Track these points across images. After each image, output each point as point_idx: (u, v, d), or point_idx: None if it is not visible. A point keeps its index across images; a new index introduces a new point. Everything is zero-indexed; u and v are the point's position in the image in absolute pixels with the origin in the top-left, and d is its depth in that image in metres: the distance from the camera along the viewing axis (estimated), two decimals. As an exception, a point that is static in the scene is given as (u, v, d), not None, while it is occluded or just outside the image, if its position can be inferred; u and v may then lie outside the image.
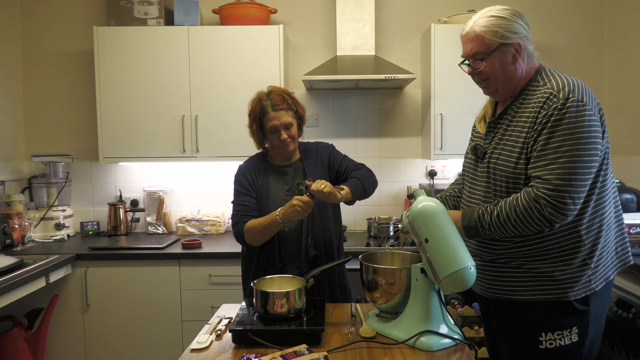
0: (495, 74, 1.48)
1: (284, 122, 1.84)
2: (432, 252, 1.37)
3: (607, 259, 1.47)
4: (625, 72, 3.03)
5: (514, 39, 1.45)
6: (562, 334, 1.44)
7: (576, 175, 1.34)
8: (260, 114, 1.86)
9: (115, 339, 2.68)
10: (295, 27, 3.23)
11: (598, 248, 1.44)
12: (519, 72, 1.48)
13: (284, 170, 1.95)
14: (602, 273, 1.45)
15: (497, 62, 1.47)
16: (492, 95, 1.57)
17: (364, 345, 1.41)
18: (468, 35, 1.51)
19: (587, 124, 1.35)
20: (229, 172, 3.23)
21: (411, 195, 1.48)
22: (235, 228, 1.87)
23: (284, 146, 1.87)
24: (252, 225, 1.81)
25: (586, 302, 1.44)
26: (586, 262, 1.43)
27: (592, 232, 1.43)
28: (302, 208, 1.69)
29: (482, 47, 1.47)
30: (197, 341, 1.44)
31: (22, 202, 2.85)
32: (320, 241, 1.88)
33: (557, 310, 1.44)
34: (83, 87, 3.20)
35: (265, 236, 1.82)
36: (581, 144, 1.35)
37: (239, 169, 2.00)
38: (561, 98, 1.37)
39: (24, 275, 2.23)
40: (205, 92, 2.89)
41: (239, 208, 1.89)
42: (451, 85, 2.87)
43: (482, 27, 1.47)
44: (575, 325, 1.44)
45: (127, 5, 2.91)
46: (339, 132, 3.27)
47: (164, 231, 3.15)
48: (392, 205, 3.31)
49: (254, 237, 1.82)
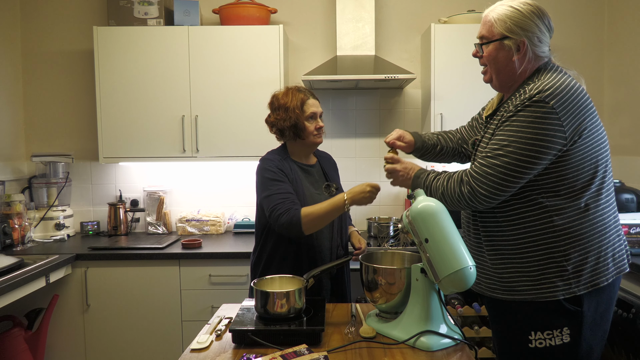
0: (491, 63, 1.50)
1: (320, 111, 1.94)
2: (432, 252, 1.37)
3: (599, 264, 1.41)
4: (625, 72, 3.03)
5: (519, 35, 1.43)
6: (552, 334, 1.42)
7: (504, 171, 1.37)
8: (299, 102, 1.89)
9: (115, 339, 2.68)
10: (295, 27, 3.23)
11: (579, 251, 1.39)
12: (516, 69, 1.47)
13: (309, 170, 1.97)
14: (589, 278, 1.40)
15: (495, 52, 1.48)
16: (491, 84, 1.58)
17: (364, 345, 1.41)
18: (485, 18, 1.52)
19: (540, 125, 1.33)
20: (229, 172, 3.26)
21: (411, 195, 1.48)
22: (286, 216, 1.72)
23: (318, 135, 1.92)
24: (311, 211, 1.73)
25: (578, 303, 1.40)
26: (562, 265, 1.39)
27: (574, 234, 1.40)
28: (372, 194, 1.74)
29: (488, 33, 1.48)
30: (197, 341, 1.44)
31: (22, 202, 2.85)
32: (340, 242, 1.94)
33: (546, 310, 1.42)
34: (83, 87, 3.20)
35: (325, 222, 1.76)
36: (523, 143, 1.35)
37: (266, 161, 1.89)
38: (526, 97, 1.37)
39: (24, 275, 2.23)
40: (205, 92, 2.89)
41: (283, 196, 1.78)
42: (451, 85, 2.87)
43: (496, 14, 1.46)
44: (567, 326, 1.41)
45: (127, 5, 2.91)
46: (339, 132, 3.27)
47: (164, 231, 3.15)
48: (392, 205, 3.31)
49: (313, 222, 1.73)
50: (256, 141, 2.84)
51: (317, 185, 1.95)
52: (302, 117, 1.88)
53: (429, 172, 1.58)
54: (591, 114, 1.40)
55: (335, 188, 1.87)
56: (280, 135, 1.93)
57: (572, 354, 1.43)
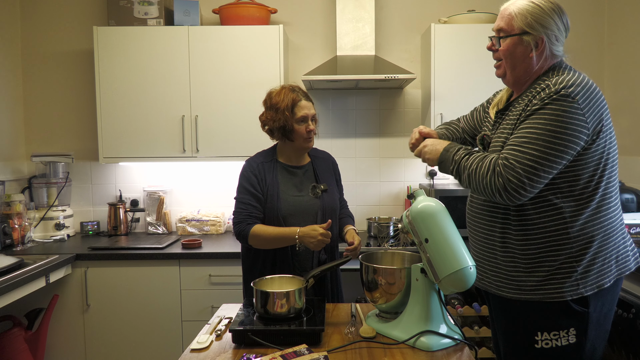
0: (507, 57, 1.47)
1: (312, 114, 1.91)
2: (432, 252, 1.37)
3: (604, 265, 1.41)
4: (625, 72, 3.03)
5: (539, 32, 1.42)
6: (559, 335, 1.42)
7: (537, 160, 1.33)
8: (290, 104, 1.87)
9: (115, 339, 2.68)
10: (295, 27, 3.23)
11: (590, 253, 1.40)
12: (532, 65, 1.46)
13: (294, 172, 1.95)
14: (595, 279, 1.40)
15: (512, 47, 1.45)
16: (502, 79, 1.56)
17: (364, 345, 1.41)
18: (504, 11, 1.48)
19: (568, 120, 1.32)
20: (229, 172, 3.26)
21: (411, 195, 1.48)
22: (237, 227, 1.85)
23: (309, 138, 1.90)
24: (260, 232, 1.81)
25: (585, 304, 1.40)
26: (572, 266, 1.39)
27: (586, 237, 1.40)
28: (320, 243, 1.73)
29: (507, 26, 1.45)
30: (197, 341, 1.44)
31: (22, 202, 2.85)
32: (328, 245, 1.90)
33: (553, 310, 1.42)
34: (83, 87, 3.20)
35: (273, 246, 1.83)
36: (552, 136, 1.32)
37: (247, 164, 1.95)
38: (552, 91, 1.35)
39: (24, 275, 2.23)
40: (205, 92, 2.89)
41: (243, 207, 1.87)
42: (451, 85, 2.87)
43: (517, 8, 1.44)
44: (573, 327, 1.41)
45: (127, 5, 2.91)
46: (339, 132, 3.27)
47: (164, 231, 3.15)
48: (392, 205, 3.31)
49: (261, 243, 1.83)
50: (256, 141, 2.82)
51: (303, 187, 1.94)
52: (292, 119, 1.87)
53: (459, 146, 1.52)
54: (607, 114, 1.41)
55: (324, 190, 1.84)
56: (271, 134, 1.94)
57: (577, 354, 1.43)
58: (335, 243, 1.97)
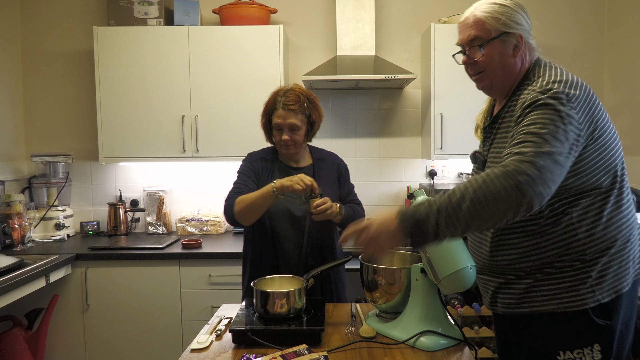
0: (492, 65, 1.37)
1: (289, 123, 1.82)
2: (432, 252, 1.37)
3: (620, 268, 1.30)
4: (625, 72, 3.03)
5: (516, 29, 1.34)
6: (583, 352, 1.28)
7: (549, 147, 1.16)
8: (271, 108, 1.87)
9: (115, 339, 2.68)
10: (295, 27, 3.23)
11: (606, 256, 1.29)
12: (517, 66, 1.37)
13: (292, 172, 1.91)
14: (611, 284, 1.28)
15: (496, 52, 1.35)
16: (487, 91, 1.46)
17: (364, 345, 1.41)
18: (467, 21, 1.39)
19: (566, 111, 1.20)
20: (229, 172, 3.25)
21: (411, 195, 1.48)
22: (227, 202, 1.83)
23: (285, 146, 1.87)
24: (242, 198, 1.78)
25: (607, 316, 1.28)
26: (586, 271, 1.28)
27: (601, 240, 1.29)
28: (299, 182, 1.67)
29: (483, 32, 1.35)
30: (197, 341, 1.44)
31: (22, 202, 2.85)
32: (318, 251, 1.88)
33: (573, 325, 1.29)
34: (83, 87, 3.20)
35: (256, 209, 1.76)
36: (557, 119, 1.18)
37: (249, 156, 1.99)
38: (544, 89, 1.24)
39: (24, 275, 2.23)
40: (205, 92, 2.89)
41: (238, 187, 1.87)
42: (451, 85, 2.87)
43: (483, 12, 1.35)
44: (597, 342, 1.28)
45: (127, 5, 2.91)
46: (339, 132, 3.27)
47: (164, 231, 3.15)
48: (392, 205, 3.30)
49: (244, 208, 1.76)
50: (256, 141, 2.82)
51: None
52: (269, 125, 1.89)
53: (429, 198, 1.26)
54: (602, 114, 1.32)
55: (319, 194, 1.74)
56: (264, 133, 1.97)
57: None
58: (335, 245, 1.95)
